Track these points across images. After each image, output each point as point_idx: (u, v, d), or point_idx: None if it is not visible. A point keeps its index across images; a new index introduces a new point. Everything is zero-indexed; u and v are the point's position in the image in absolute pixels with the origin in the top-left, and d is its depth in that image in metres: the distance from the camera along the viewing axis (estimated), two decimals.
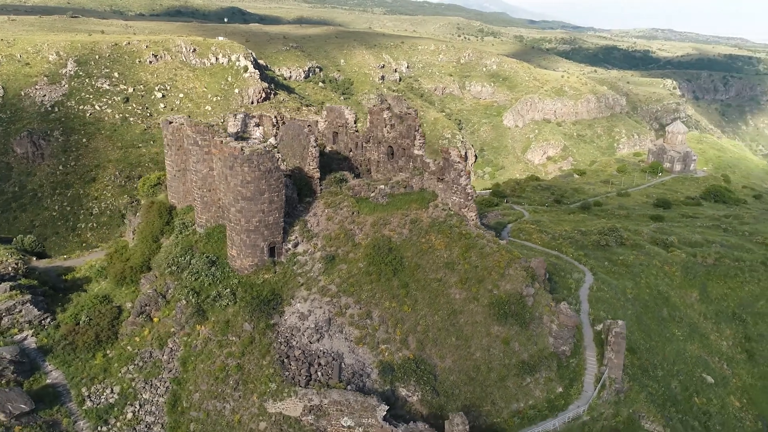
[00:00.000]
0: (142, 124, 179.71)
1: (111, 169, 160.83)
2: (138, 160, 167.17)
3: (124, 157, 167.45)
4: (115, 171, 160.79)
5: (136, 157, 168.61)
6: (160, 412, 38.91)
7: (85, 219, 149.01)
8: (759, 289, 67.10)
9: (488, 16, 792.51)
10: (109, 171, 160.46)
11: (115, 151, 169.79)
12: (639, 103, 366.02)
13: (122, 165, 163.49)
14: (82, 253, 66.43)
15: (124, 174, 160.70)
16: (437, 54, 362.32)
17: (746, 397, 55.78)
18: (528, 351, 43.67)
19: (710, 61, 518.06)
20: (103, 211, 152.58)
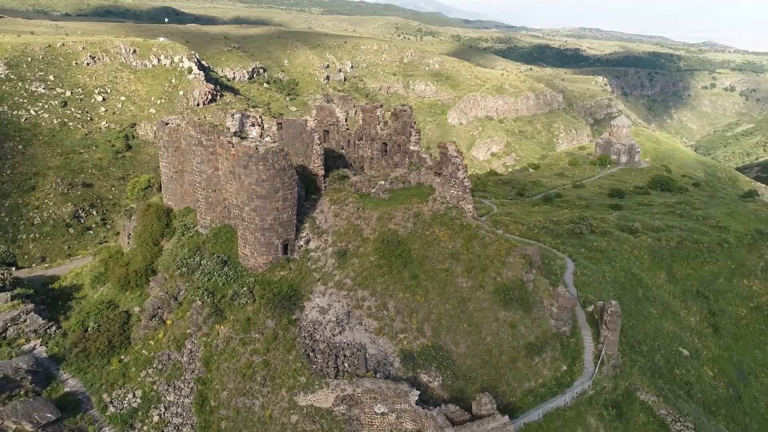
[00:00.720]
0: (82, 129, 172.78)
1: (52, 177, 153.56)
2: (80, 167, 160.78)
3: (66, 164, 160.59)
4: (56, 178, 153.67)
5: (78, 164, 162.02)
6: (187, 413, 38.80)
7: (26, 230, 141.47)
8: (717, 268, 72.69)
9: (425, 16, 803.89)
10: (50, 179, 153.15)
11: (54, 157, 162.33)
12: (574, 100, 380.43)
13: (64, 172, 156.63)
14: (63, 261, 64.29)
15: (67, 181, 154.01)
16: (380, 54, 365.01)
17: (717, 367, 60.56)
18: (533, 333, 46.13)
19: (636, 59, 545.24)
20: (45, 220, 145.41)
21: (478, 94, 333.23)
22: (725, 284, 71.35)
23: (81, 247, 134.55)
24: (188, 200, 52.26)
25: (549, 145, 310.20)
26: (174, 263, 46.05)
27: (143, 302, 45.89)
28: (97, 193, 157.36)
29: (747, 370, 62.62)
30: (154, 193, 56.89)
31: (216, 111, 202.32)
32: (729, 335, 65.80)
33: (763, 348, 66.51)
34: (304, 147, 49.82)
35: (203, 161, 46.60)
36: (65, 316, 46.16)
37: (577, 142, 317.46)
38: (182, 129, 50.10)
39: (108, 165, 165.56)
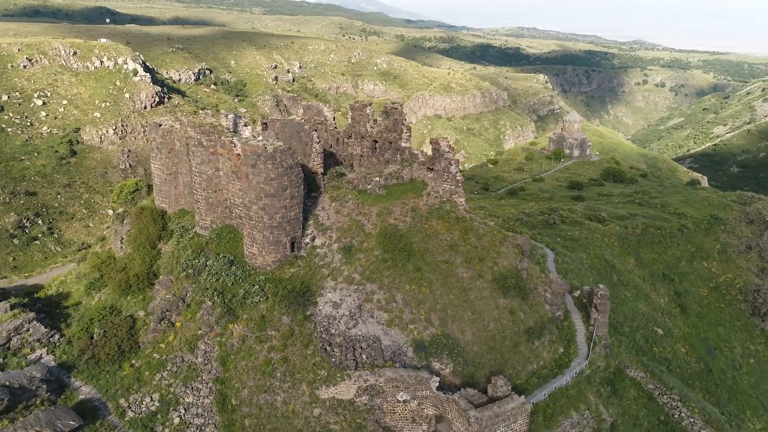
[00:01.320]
0: (22, 135, 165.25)
1: None
2: (22, 174, 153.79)
3: (6, 172, 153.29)
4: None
5: (19, 171, 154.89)
6: (208, 413, 38.82)
7: None
8: (679, 252, 77.56)
9: (368, 16, 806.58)
10: None
11: None
12: (518, 97, 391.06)
13: (4, 180, 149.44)
14: (43, 270, 62.14)
15: (8, 190, 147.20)
16: (328, 54, 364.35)
17: (688, 343, 64.81)
18: (532, 319, 48.40)
19: (573, 57, 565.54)
20: None
21: (426, 93, 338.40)
22: (687, 267, 76.22)
23: (27, 258, 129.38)
24: (183, 202, 51.81)
25: (497, 142, 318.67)
26: (178, 265, 45.69)
27: (147, 306, 45.41)
28: (42, 201, 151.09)
29: (713, 345, 67.28)
30: (143, 197, 55.98)
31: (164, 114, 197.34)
32: (694, 314, 70.45)
33: (724, 324, 71.51)
34: (302, 146, 50.34)
35: (203, 162, 46.41)
36: (66, 323, 45.06)
37: (523, 138, 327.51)
38: (176, 130, 49.69)
39: (52, 172, 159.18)
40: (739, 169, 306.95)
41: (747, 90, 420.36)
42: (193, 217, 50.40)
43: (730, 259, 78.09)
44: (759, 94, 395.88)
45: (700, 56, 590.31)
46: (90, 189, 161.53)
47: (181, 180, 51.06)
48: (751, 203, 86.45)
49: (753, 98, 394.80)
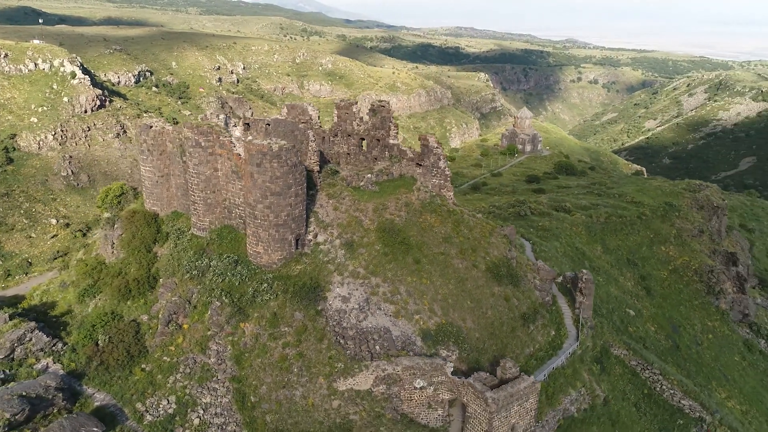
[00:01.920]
0: None
1: None
2: None
3: None
4: None
5: None
6: (227, 411, 38.97)
7: None
8: (640, 238, 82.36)
9: (307, 16, 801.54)
10: None
11: None
12: (461, 95, 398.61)
13: None
14: (21, 279, 59.83)
15: None
16: (272, 54, 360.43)
17: (656, 323, 69.14)
18: (525, 304, 50.77)
19: (511, 56, 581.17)
20: None
21: (372, 93, 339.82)
22: (648, 252, 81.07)
23: None
24: (176, 204, 51.32)
25: (443, 140, 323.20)
26: (181, 267, 45.40)
27: (150, 309, 44.95)
28: None
29: (677, 323, 72.01)
30: (129, 200, 54.90)
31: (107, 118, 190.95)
32: (658, 295, 75.12)
33: (684, 304, 76.57)
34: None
35: (201, 162, 46.21)
36: (66, 332, 43.97)
37: (468, 136, 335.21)
38: (168, 131, 49.23)
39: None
40: (671, 160, 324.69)
41: (673, 86, 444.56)
42: (188, 218, 50.06)
43: (685, 243, 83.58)
44: (684, 90, 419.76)
45: (629, 54, 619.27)
46: (30, 198, 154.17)
47: (174, 182, 50.61)
48: (700, 190, 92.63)
49: (679, 93, 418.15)
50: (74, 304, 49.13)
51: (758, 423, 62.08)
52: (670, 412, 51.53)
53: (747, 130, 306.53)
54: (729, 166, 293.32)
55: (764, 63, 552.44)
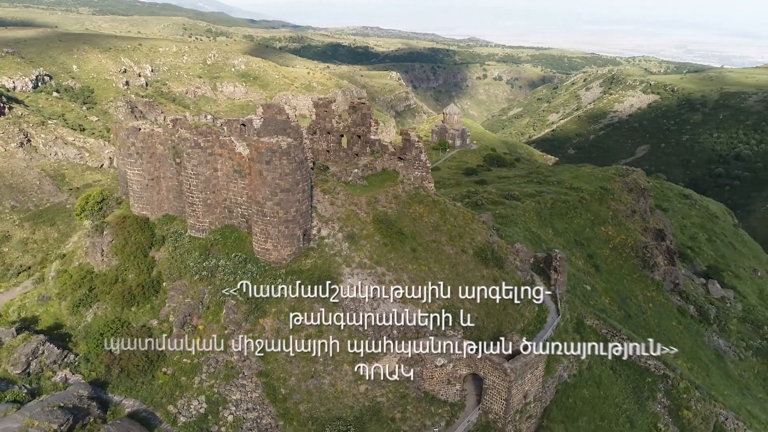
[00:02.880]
0: None
1: None
2: None
3: None
4: None
5: None
6: (260, 406, 39.54)
7: None
8: (583, 221, 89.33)
9: (209, 16, 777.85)
10: None
11: None
12: (376, 94, 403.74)
13: None
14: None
15: None
16: (181, 56, 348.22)
17: (608, 296, 75.70)
18: (511, 284, 54.54)
19: (419, 55, 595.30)
20: None
21: (289, 93, 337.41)
22: (590, 232, 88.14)
23: None
24: (167, 207, 50.57)
25: None
26: (188, 269, 45.10)
27: (159, 313, 44.37)
28: None
29: (624, 295, 79.16)
30: (112, 206, 53.23)
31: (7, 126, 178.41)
32: (605, 271, 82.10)
33: (626, 278, 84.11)
34: None
35: (200, 163, 46.04)
36: (72, 342, 42.49)
37: (386, 134, 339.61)
38: (158, 133, 48.52)
39: None
40: (575, 150, 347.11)
41: (571, 81, 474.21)
42: (182, 221, 49.57)
43: (621, 222, 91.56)
44: (581, 84, 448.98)
45: (528, 52, 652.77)
46: None
47: (165, 185, 49.90)
48: (628, 174, 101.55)
49: (577, 88, 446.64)
50: (66, 316, 47.23)
51: (702, 377, 69.79)
52: (639, 372, 57.31)
53: (640, 121, 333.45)
54: (627, 154, 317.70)
55: (647, 59, 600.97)
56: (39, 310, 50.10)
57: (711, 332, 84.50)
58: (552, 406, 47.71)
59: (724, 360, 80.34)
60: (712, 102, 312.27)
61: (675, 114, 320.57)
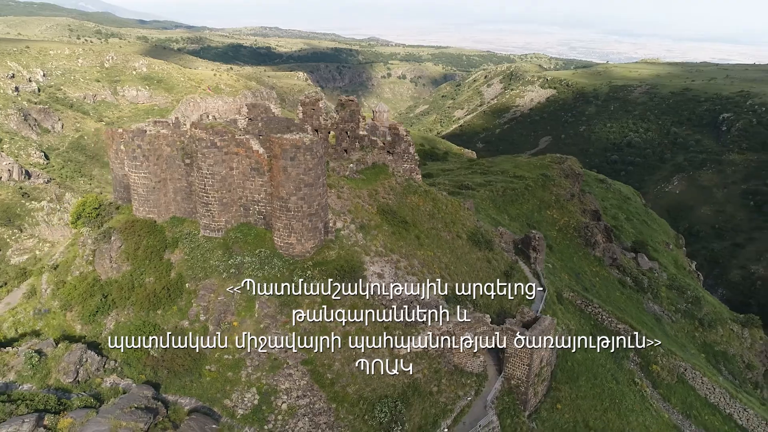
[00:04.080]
0: None
1: None
2: None
3: None
4: None
5: None
6: (311, 392, 40.92)
7: None
8: (531, 206, 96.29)
9: (95, 16, 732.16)
10: None
11: None
12: (285, 95, 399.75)
13: None
14: None
15: None
16: (75, 59, 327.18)
17: (565, 272, 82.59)
18: (502, 264, 59.08)
19: (323, 54, 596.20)
20: None
21: (197, 96, 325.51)
22: (539, 216, 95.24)
23: None
24: (174, 209, 50.21)
25: None
26: (213, 268, 45.32)
27: (188, 314, 44.34)
28: None
29: (576, 271, 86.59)
30: (110, 212, 51.73)
31: None
32: (557, 251, 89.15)
33: (573, 255, 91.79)
34: None
35: (216, 162, 46.38)
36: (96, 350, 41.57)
37: None
38: (166, 135, 48.17)
39: None
40: (483, 144, 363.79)
41: (473, 78, 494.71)
42: (192, 222, 49.54)
43: (563, 206, 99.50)
44: (483, 81, 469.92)
45: (428, 50, 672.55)
46: None
47: (172, 186, 49.56)
48: (564, 161, 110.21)
49: (479, 85, 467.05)
50: (78, 326, 45.77)
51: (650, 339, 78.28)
52: (612, 336, 63.82)
53: (541, 114, 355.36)
54: (531, 146, 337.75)
55: (538, 56, 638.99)
56: (38, 323, 48.27)
57: (647, 300, 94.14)
58: (557, 370, 52.55)
59: (662, 323, 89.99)
60: (603, 95, 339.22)
61: (571, 107, 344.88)
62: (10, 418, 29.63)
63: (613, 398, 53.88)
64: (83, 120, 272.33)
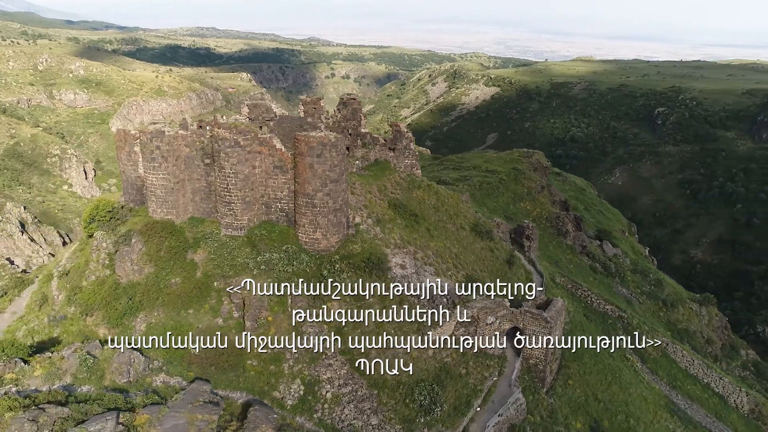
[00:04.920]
0: None
1: None
2: None
3: None
4: None
5: None
6: (352, 380, 42.30)
7: None
8: (506, 198, 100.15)
9: (18, 16, 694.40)
10: None
11: None
12: (230, 96, 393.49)
13: None
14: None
15: None
16: (5, 61, 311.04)
17: (546, 260, 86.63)
18: (503, 253, 62.01)
19: (264, 55, 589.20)
20: None
21: (139, 99, 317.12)
22: (514, 208, 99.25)
23: None
24: (191, 210, 50.25)
25: None
26: (244, 266, 45.87)
27: (220, 311, 44.74)
28: None
29: (553, 259, 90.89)
30: (125, 215, 51.08)
31: None
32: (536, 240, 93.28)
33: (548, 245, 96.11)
34: None
35: (240, 162, 46.90)
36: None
37: None
38: (185, 135, 48.25)
39: None
40: (432, 142, 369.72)
41: (417, 77, 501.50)
42: (212, 222, 49.79)
43: (535, 198, 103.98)
44: (427, 80, 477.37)
45: (370, 50, 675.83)
46: None
47: (190, 187, 49.64)
48: (532, 156, 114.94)
49: (423, 84, 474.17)
50: (103, 330, 45.27)
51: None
52: (602, 316, 68.18)
53: (487, 111, 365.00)
54: (479, 142, 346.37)
55: (477, 54, 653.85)
56: (55, 330, 47.50)
57: (616, 284, 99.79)
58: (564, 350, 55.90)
59: (632, 305, 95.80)
60: (545, 92, 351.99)
61: (516, 104, 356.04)
62: (89, 417, 29.56)
63: (614, 373, 57.79)
64: (18, 126, 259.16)
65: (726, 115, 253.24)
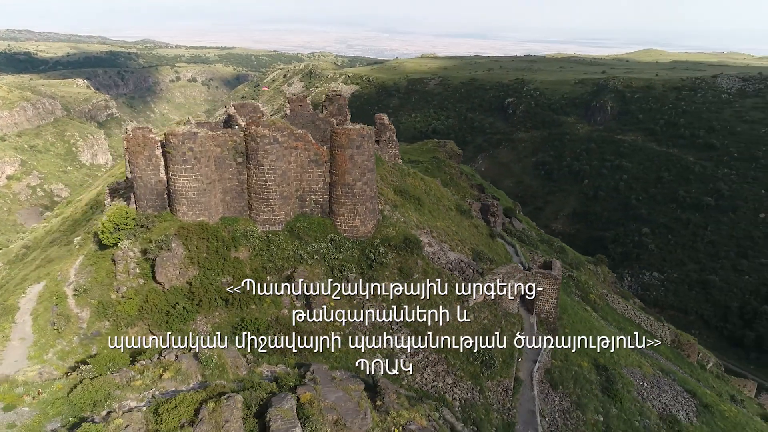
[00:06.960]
0: None
1: None
2: None
3: None
4: None
5: None
6: (423, 347, 45.90)
7: None
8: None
9: None
10: None
11: None
12: (70, 105, 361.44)
13: None
14: None
15: None
16: None
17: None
18: (485, 229, 68.88)
19: (97, 59, 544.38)
20: None
21: None
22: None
23: None
24: (222, 210, 50.04)
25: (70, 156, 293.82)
26: (297, 258, 47.16)
27: (282, 303, 45.79)
28: None
29: None
30: (151, 221, 48.99)
31: None
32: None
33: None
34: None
35: (278, 158, 48.05)
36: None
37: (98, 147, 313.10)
38: (214, 137, 48.14)
39: None
40: None
41: (272, 78, 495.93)
42: (244, 221, 50.17)
43: (457, 183, 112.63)
44: (282, 80, 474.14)
45: (214, 51, 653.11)
46: None
47: (221, 187, 49.49)
48: (445, 145, 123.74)
49: (279, 84, 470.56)
50: (160, 336, 44.07)
51: None
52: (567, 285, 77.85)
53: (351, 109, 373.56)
54: None
55: (324, 54, 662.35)
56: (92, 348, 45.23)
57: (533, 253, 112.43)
58: None
59: None
60: (403, 88, 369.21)
61: (376, 100, 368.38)
62: (270, 396, 30.04)
63: (584, 321, 67.33)
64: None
65: (565, 102, 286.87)
